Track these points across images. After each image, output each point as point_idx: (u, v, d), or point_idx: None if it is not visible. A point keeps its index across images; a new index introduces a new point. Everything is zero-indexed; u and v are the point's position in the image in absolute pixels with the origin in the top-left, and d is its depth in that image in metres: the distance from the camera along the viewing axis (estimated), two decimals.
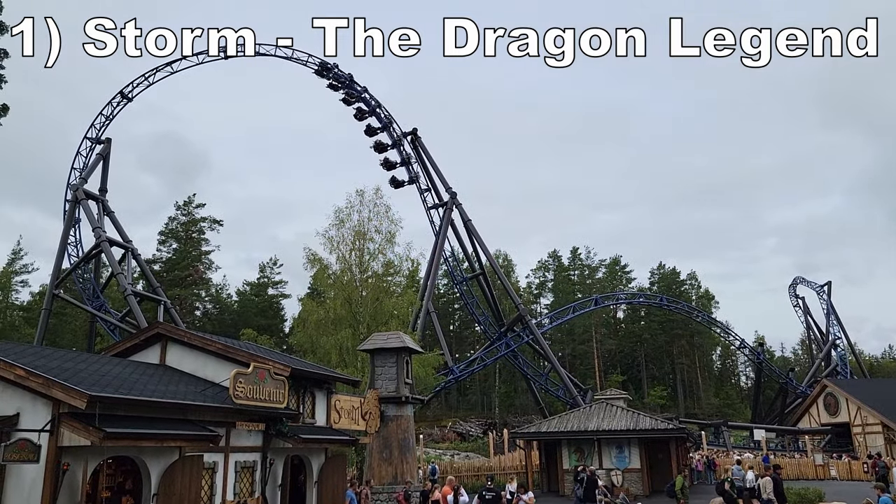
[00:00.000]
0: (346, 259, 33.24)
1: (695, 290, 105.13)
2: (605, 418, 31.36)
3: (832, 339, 75.20)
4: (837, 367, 71.38)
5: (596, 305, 70.44)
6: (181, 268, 74.49)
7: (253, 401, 13.62)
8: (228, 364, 15.04)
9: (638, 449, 30.31)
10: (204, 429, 13.05)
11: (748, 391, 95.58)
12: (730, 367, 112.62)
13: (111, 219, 50.41)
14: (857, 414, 51.38)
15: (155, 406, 12.03)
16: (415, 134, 57.50)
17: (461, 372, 56.47)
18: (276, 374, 14.43)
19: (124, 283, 45.66)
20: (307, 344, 31.94)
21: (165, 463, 12.34)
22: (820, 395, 56.48)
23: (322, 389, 17.71)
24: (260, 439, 15.09)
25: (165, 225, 79.11)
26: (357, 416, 18.28)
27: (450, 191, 56.78)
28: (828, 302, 78.11)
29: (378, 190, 34.79)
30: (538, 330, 59.42)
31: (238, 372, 13.49)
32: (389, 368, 20.69)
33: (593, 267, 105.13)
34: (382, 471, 19.80)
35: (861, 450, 48.46)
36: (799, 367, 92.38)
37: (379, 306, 32.32)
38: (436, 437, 61.79)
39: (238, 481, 14.41)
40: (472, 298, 60.91)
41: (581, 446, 31.16)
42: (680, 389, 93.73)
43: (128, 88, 53.27)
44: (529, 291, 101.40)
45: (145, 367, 14.91)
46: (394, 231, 34.18)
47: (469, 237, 57.89)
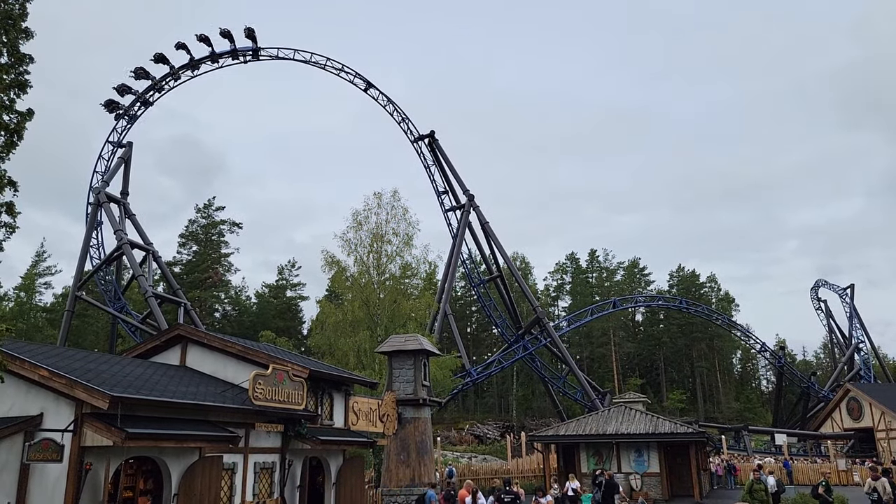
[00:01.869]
0: (363, 261, 33.34)
1: (714, 292, 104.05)
2: (623, 422, 31.14)
3: (855, 342, 74.05)
4: (860, 372, 70.26)
5: (614, 308, 69.96)
6: (201, 270, 75.20)
7: (272, 402, 13.70)
8: (248, 366, 15.16)
9: (657, 453, 30.05)
10: (224, 430, 13.16)
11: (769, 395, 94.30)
12: (750, 371, 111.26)
13: (132, 221, 51.03)
14: (881, 419, 50.56)
15: (175, 407, 12.16)
16: (432, 136, 57.59)
17: (478, 374, 56.38)
18: (294, 375, 14.51)
19: (145, 285, 46.18)
20: (325, 346, 32.06)
21: (186, 463, 12.46)
22: (843, 399, 55.65)
23: (340, 391, 17.78)
24: (279, 441, 15.18)
25: (185, 227, 80.00)
26: (374, 418, 18.31)
27: (467, 193, 56.77)
28: (850, 305, 76.95)
29: (396, 192, 34.89)
30: (556, 332, 59.17)
31: (257, 373, 13.58)
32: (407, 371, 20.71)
33: (611, 269, 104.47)
34: (400, 473, 19.81)
35: (885, 455, 47.65)
36: (821, 371, 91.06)
37: (396, 308, 32.37)
38: (453, 439, 61.71)
39: (257, 482, 14.51)
40: (489, 301, 60.80)
41: (599, 450, 30.98)
42: (699, 393, 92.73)
43: (149, 93, 53.90)
44: (547, 294, 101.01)
45: (166, 369, 15.08)
46: (411, 233, 34.25)
47: (486, 239, 57.82)
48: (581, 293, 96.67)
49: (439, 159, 57.71)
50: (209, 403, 12.86)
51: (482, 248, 58.84)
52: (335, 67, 54.97)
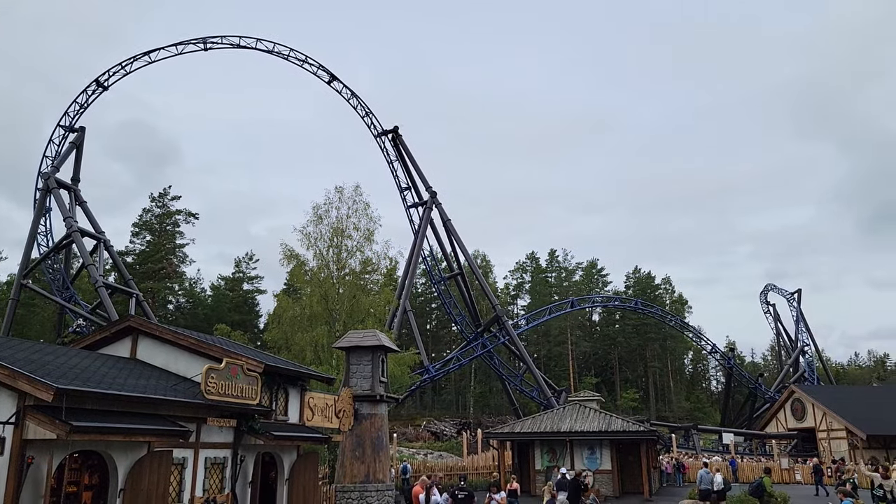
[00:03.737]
0: (323, 256, 33.03)
1: (669, 294, 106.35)
2: (577, 420, 31.58)
3: (801, 345, 76.49)
4: (805, 374, 72.62)
5: (572, 308, 70.84)
6: (154, 260, 73.48)
7: (225, 397, 13.48)
8: (201, 359, 14.88)
9: (609, 450, 30.58)
10: (174, 424, 12.89)
11: (718, 395, 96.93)
12: (701, 372, 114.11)
13: (83, 209, 49.53)
14: (822, 419, 52.36)
15: (124, 400, 11.86)
16: (396, 132, 57.33)
17: (437, 371, 56.48)
18: (249, 370, 14.30)
19: (95, 275, 44.90)
20: (282, 340, 31.68)
21: (133, 458, 12.17)
22: (787, 400, 57.44)
23: (296, 386, 17.59)
24: (231, 436, 14.95)
25: (139, 217, 78.02)
26: (330, 414, 18.15)
27: (430, 190, 56.73)
28: (797, 309, 79.43)
29: (357, 187, 34.63)
30: (514, 331, 59.62)
31: (210, 367, 13.34)
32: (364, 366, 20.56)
33: (570, 269, 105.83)
34: (355, 469, 19.69)
35: (825, 455, 49.39)
36: (768, 372, 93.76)
37: (355, 304, 32.15)
38: (410, 435, 61.71)
39: (208, 478, 14.26)
40: (449, 298, 60.92)
41: (553, 447, 31.37)
42: (652, 392, 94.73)
43: (104, 77, 52.38)
44: (507, 292, 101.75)
45: (115, 361, 14.68)
46: (372, 229, 34.05)
47: (448, 237, 57.89)
48: (540, 292, 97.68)
49: (402, 155, 57.50)
50: (159, 397, 12.58)
51: (443, 246, 58.90)
52: (298, 58, 54.27)
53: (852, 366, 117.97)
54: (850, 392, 61.77)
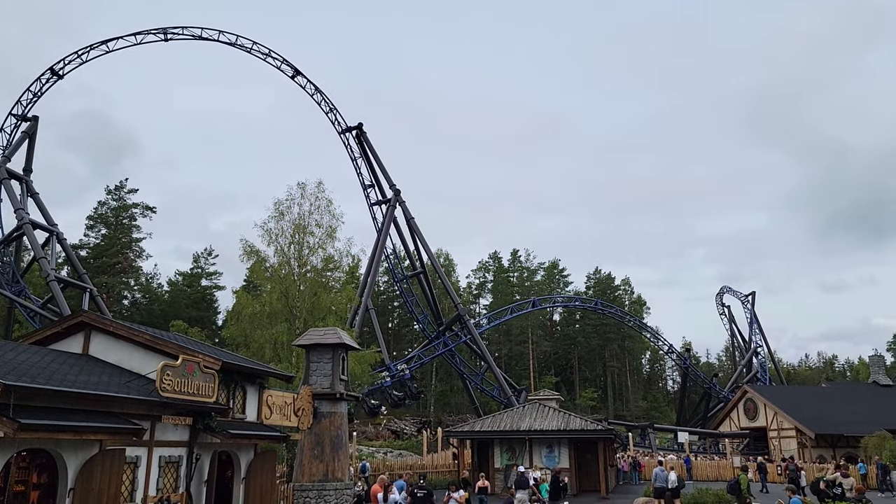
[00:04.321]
0: (284, 252, 32.64)
1: (628, 295, 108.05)
2: (537, 418, 31.89)
3: (754, 346, 78.55)
4: (758, 374, 74.60)
5: (533, 307, 71.47)
6: (110, 255, 71.64)
7: (180, 394, 13.25)
8: (156, 356, 14.59)
9: (567, 449, 30.97)
10: (127, 422, 12.62)
11: (674, 395, 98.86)
12: (658, 372, 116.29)
13: (35, 200, 48.02)
14: (773, 419, 53.86)
15: (75, 397, 11.56)
16: (360, 129, 57.02)
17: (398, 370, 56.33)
18: (205, 367, 14.08)
19: (47, 269, 43.60)
20: (240, 338, 31.22)
21: (84, 457, 11.87)
22: (741, 400, 58.92)
23: (254, 384, 17.37)
24: (187, 434, 14.69)
25: (94, 209, 75.99)
26: (289, 412, 17.98)
27: (394, 188, 56.58)
28: (751, 311, 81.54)
29: (320, 184, 34.30)
30: (476, 330, 59.89)
31: (166, 364, 13.10)
32: (325, 364, 20.39)
33: (532, 269, 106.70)
34: (313, 468, 19.53)
35: (776, 453, 50.83)
36: (722, 372, 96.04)
37: (317, 301, 31.86)
38: (370, 434, 61.44)
39: (162, 476, 14.00)
40: (411, 296, 60.87)
41: (513, 445, 31.62)
42: (610, 392, 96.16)
43: (59, 65, 50.87)
44: (469, 291, 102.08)
45: (66, 357, 14.29)
46: (335, 226, 33.78)
47: (411, 235, 57.84)
48: (502, 292, 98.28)
49: (366, 152, 57.22)
50: (112, 394, 12.29)
51: (407, 244, 58.82)
52: (261, 52, 53.54)
53: (803, 367, 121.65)
54: (800, 392, 63.71)
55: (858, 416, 49.25)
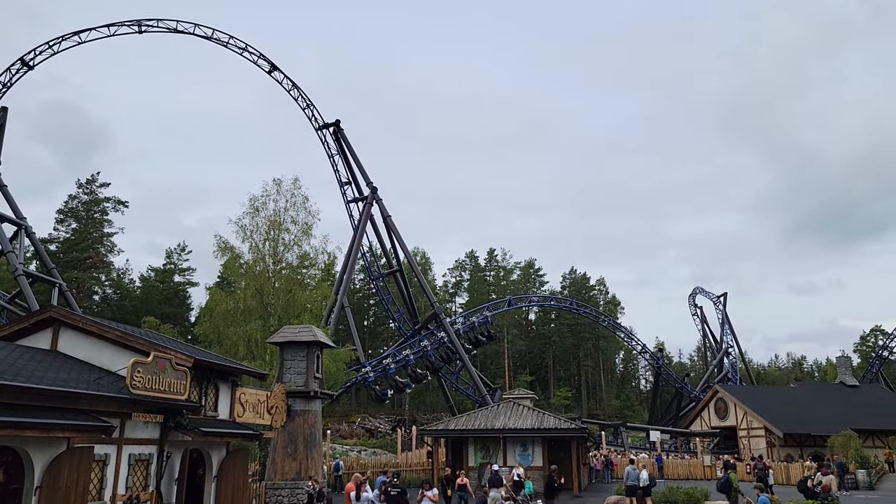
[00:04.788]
0: (259, 249, 32.41)
1: (602, 295, 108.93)
2: (511, 417, 32.02)
3: (725, 347, 79.74)
4: (728, 374, 75.72)
5: (509, 306, 71.74)
6: (80, 249, 70.37)
7: (151, 391, 13.07)
8: (127, 352, 14.36)
9: (541, 447, 31.13)
10: (96, 419, 12.42)
11: (647, 394, 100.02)
12: (631, 371, 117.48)
13: (3, 192, 46.93)
14: (743, 418, 54.72)
15: (42, 394, 11.35)
16: (337, 125, 56.72)
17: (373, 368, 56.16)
18: (177, 364, 13.91)
19: (15, 263, 42.70)
20: (213, 335, 30.95)
21: (52, 454, 11.66)
22: (711, 399, 59.76)
23: (227, 382, 17.20)
24: (157, 431, 14.50)
25: (65, 203, 74.57)
26: (262, 410, 17.85)
27: (371, 185, 56.38)
28: (723, 312, 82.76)
29: (296, 180, 34.14)
30: (452, 328, 59.93)
31: (136, 361, 12.91)
32: (299, 362, 20.32)
33: (508, 269, 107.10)
34: (286, 466, 19.43)
35: (745, 452, 51.67)
36: (694, 372, 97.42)
37: (292, 298, 31.70)
38: (344, 432, 61.22)
39: (131, 474, 13.79)
40: (387, 295, 60.74)
41: (487, 444, 31.71)
42: (584, 391, 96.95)
43: (30, 56, 49.79)
44: (445, 290, 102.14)
45: (34, 353, 14.00)
46: (311, 223, 33.65)
47: (388, 233, 57.71)
48: (478, 290, 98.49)
49: (344, 149, 56.94)
50: (81, 391, 12.08)
51: (383, 242, 58.67)
52: (238, 46, 52.97)
53: (772, 367, 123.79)
54: (769, 392, 64.85)
55: (825, 416, 50.29)
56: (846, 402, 54.78)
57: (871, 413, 51.63)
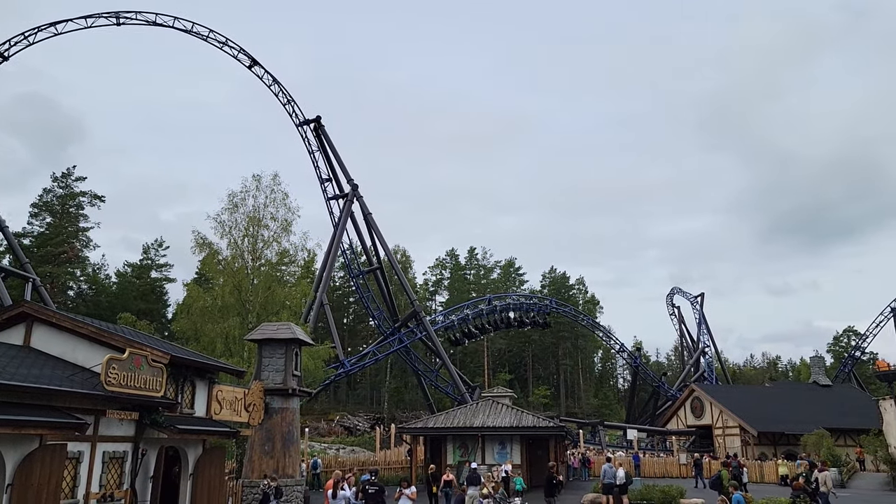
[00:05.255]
0: (237, 245, 32.13)
1: (582, 294, 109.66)
2: (490, 415, 32.13)
3: (702, 346, 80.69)
4: (705, 374, 76.65)
5: (489, 305, 71.92)
6: (55, 244, 69.23)
7: (127, 388, 12.91)
8: (102, 349, 14.17)
9: (519, 446, 31.29)
10: (69, 416, 12.25)
11: (625, 393, 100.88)
12: (609, 370, 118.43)
13: None
14: (719, 417, 55.42)
15: (14, 390, 11.17)
16: (318, 122, 56.36)
17: (352, 366, 56.05)
18: (153, 361, 13.75)
19: None
20: (191, 331, 30.64)
21: (23, 452, 11.47)
22: (688, 398, 60.44)
23: (204, 379, 17.05)
24: (132, 429, 14.34)
25: (39, 197, 73.26)
26: (240, 408, 17.72)
27: (351, 183, 56.14)
28: (700, 312, 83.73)
29: (276, 176, 33.86)
30: (432, 327, 59.93)
31: (112, 357, 12.74)
32: (277, 360, 20.20)
33: (489, 267, 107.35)
34: (263, 464, 19.32)
35: (720, 450, 52.34)
36: (671, 371, 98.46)
37: (270, 295, 31.49)
38: (322, 430, 61.00)
39: (105, 472, 13.62)
40: (367, 292, 60.54)
41: (466, 442, 31.79)
42: (563, 389, 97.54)
43: (4, 46, 48.84)
44: (426, 288, 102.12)
45: (6, 349, 13.76)
46: (290, 219, 33.40)
47: (368, 231, 57.48)
48: (458, 289, 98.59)
49: (324, 146, 56.60)
50: (54, 387, 11.90)
51: (363, 239, 58.43)
52: (218, 41, 52.40)
53: (747, 367, 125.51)
54: (744, 391, 65.73)
55: (799, 415, 51.12)
56: (819, 401, 55.72)
57: (843, 412, 52.57)
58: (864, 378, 77.23)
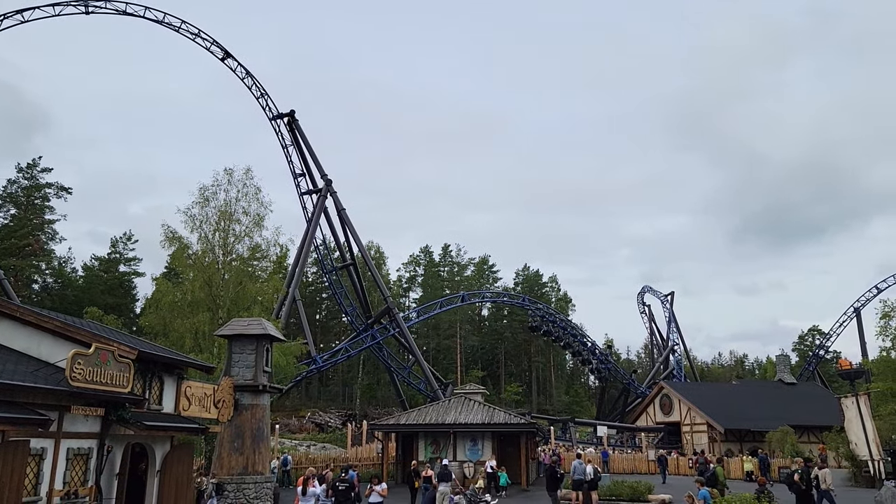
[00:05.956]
0: (208, 239, 31.72)
1: (555, 292, 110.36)
2: (462, 412, 32.22)
3: (671, 344, 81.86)
4: (674, 371, 77.80)
5: (462, 302, 72.14)
6: (19, 236, 67.60)
7: (92, 384, 12.67)
8: (67, 344, 13.88)
9: (491, 442, 31.44)
10: (33, 412, 12.00)
11: (595, 390, 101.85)
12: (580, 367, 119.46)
13: None
14: (687, 414, 56.33)
15: None
16: (292, 116, 55.90)
17: (324, 362, 55.79)
18: (120, 356, 13.52)
19: None
20: (159, 326, 30.19)
21: None
22: (657, 395, 61.33)
23: (172, 375, 16.82)
24: (98, 425, 14.08)
25: (3, 188, 71.38)
26: (209, 404, 17.50)
27: (325, 178, 55.80)
28: (670, 311, 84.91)
29: (249, 170, 33.47)
30: (405, 323, 59.87)
31: (77, 352, 12.49)
32: (248, 356, 19.99)
33: (463, 265, 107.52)
34: (232, 461, 19.12)
35: (688, 447, 53.20)
36: (641, 369, 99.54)
37: (242, 291, 31.16)
38: (293, 427, 60.59)
39: (69, 469, 13.37)
40: (340, 288, 60.27)
41: (437, 439, 31.85)
42: (534, 386, 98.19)
43: None
44: (399, 285, 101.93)
45: None
46: (263, 214, 33.07)
47: (342, 226, 57.25)
48: (432, 286, 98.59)
49: (298, 140, 56.17)
50: (16, 383, 11.64)
51: (337, 235, 58.17)
52: (190, 32, 51.63)
53: (716, 365, 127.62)
54: (712, 389, 66.88)
55: (764, 413, 52.19)
56: (784, 398, 56.94)
57: (807, 409, 53.81)
58: (828, 376, 79.04)
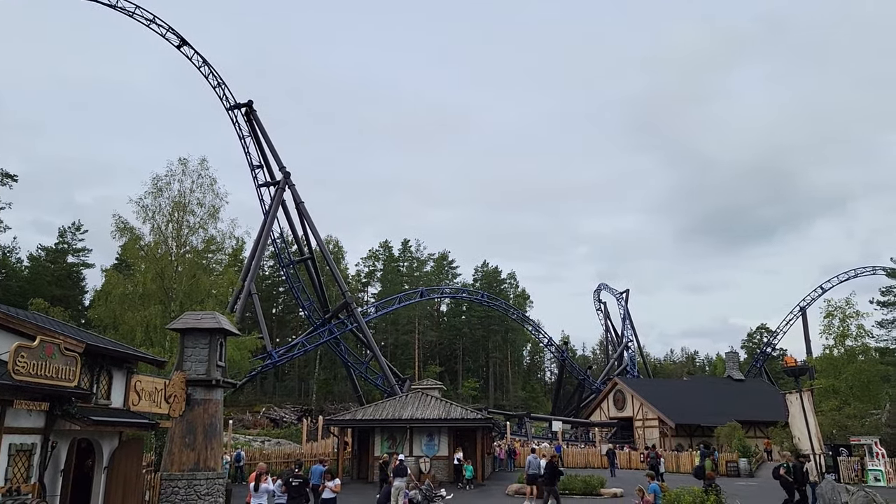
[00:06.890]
0: (161, 231, 31.04)
1: (513, 289, 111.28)
2: (418, 407, 32.26)
3: (625, 341, 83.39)
4: (628, 367, 79.27)
5: (421, 297, 72.14)
6: None
7: (36, 377, 12.27)
8: (10, 336, 13.42)
9: (447, 437, 31.57)
10: None
11: (551, 385, 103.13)
12: (537, 363, 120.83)
13: None
14: (639, 409, 57.50)
15: None
16: (250, 106, 54.98)
17: (280, 357, 55.18)
18: (67, 349, 13.12)
19: None
20: (109, 319, 29.44)
21: None
22: (611, 391, 62.43)
23: (121, 369, 16.41)
24: (42, 420, 13.65)
25: None
26: (160, 399, 17.13)
27: (283, 170, 55.06)
28: (625, 308, 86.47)
29: (204, 161, 32.86)
30: (363, 318, 59.58)
31: (20, 345, 12.08)
32: (201, 350, 19.62)
33: (422, 260, 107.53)
34: (184, 457, 18.76)
35: (640, 441, 54.32)
36: (596, 365, 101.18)
37: (195, 283, 30.60)
38: (247, 422, 59.73)
39: (11, 465, 12.93)
40: (298, 283, 59.60)
41: (394, 434, 31.83)
42: (492, 382, 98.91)
43: None
44: (358, 279, 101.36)
45: None
46: (218, 205, 32.51)
47: (300, 219, 56.57)
48: (391, 281, 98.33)
49: (256, 131, 55.26)
50: None
51: (295, 228, 57.47)
52: (145, 18, 50.28)
53: (667, 361, 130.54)
54: (663, 385, 68.45)
55: (714, 408, 53.61)
56: (733, 394, 58.60)
57: (754, 405, 55.48)
58: (774, 373, 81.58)
